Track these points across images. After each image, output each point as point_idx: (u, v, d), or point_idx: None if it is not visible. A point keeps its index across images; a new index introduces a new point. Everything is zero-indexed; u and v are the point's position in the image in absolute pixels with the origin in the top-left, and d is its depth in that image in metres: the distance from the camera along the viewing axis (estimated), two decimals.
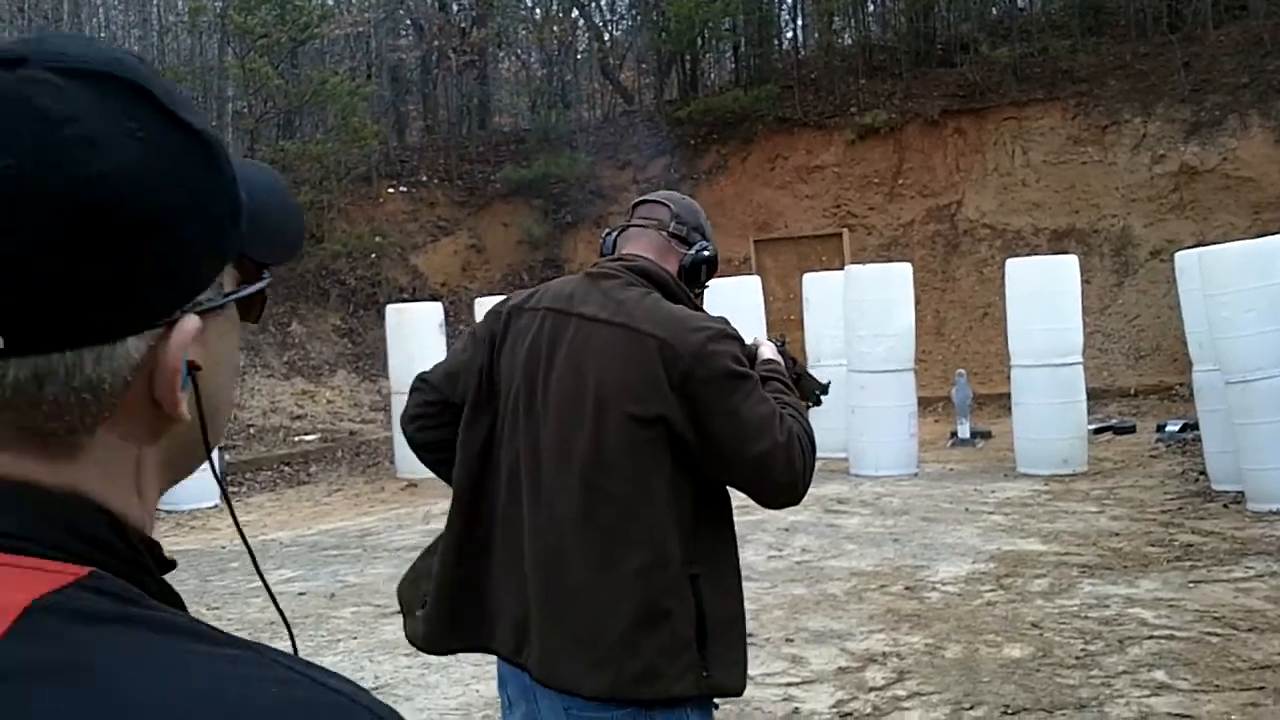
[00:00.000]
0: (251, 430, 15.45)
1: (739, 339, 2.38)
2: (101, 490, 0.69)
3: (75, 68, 0.67)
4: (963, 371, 13.76)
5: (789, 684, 5.54)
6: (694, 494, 2.32)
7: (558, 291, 2.48)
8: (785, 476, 2.34)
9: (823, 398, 2.87)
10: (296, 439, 15.47)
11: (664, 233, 2.51)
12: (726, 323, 2.37)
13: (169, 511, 12.08)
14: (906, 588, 7.22)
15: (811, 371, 2.90)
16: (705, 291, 2.61)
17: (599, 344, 2.32)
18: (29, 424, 0.66)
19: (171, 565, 0.74)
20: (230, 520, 11.66)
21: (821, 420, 12.95)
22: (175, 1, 22.52)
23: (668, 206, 2.55)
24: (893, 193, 19.26)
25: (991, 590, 7.05)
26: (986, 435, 13.39)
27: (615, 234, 2.60)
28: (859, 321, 11.75)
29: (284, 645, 0.72)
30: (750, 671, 2.49)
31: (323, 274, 18.57)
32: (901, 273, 12.11)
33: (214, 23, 18.67)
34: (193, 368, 0.71)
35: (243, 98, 19.83)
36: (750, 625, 6.58)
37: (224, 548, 10.02)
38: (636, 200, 2.63)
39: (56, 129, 0.64)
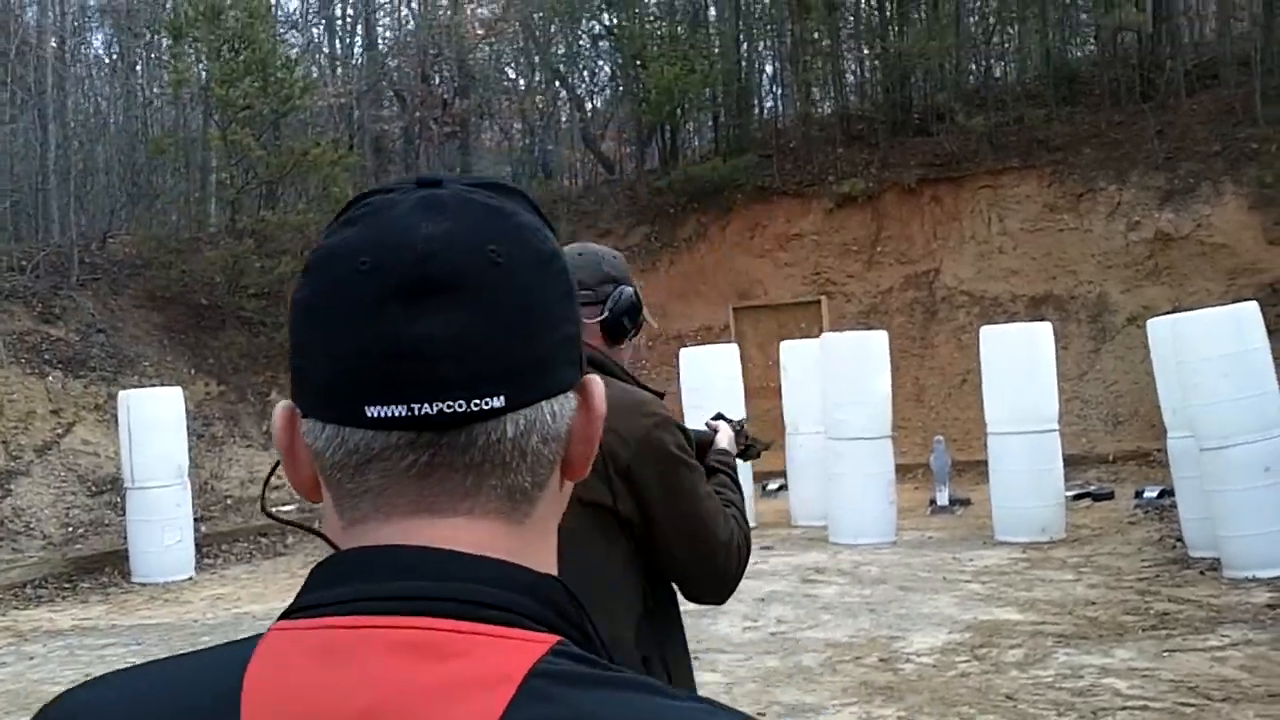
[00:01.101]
0: (229, 501, 15.35)
1: (683, 428, 2.37)
2: (543, 554, 0.76)
3: (482, 182, 0.78)
4: (940, 438, 13.76)
5: None
6: (644, 576, 2.30)
7: None
8: (719, 575, 2.34)
9: (763, 452, 2.93)
10: (274, 510, 15.35)
11: None
12: (666, 409, 2.37)
13: (143, 584, 11.98)
14: (881, 659, 7.17)
15: (758, 436, 2.93)
16: (639, 332, 2.51)
17: None
18: (511, 481, 0.73)
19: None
20: (203, 593, 11.55)
21: (800, 489, 12.86)
22: (160, 74, 22.71)
23: None
24: (871, 260, 19.37)
25: (966, 661, 7.01)
26: (965, 502, 13.37)
27: None
28: (836, 389, 11.77)
29: None
30: None
31: None
32: (878, 340, 12.15)
33: (197, 95, 18.80)
34: None
35: (225, 168, 19.94)
36: (722, 700, 6.54)
37: (196, 621, 9.91)
38: None
39: (510, 218, 0.75)
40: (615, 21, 23.20)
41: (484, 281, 0.72)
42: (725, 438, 2.66)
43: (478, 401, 0.71)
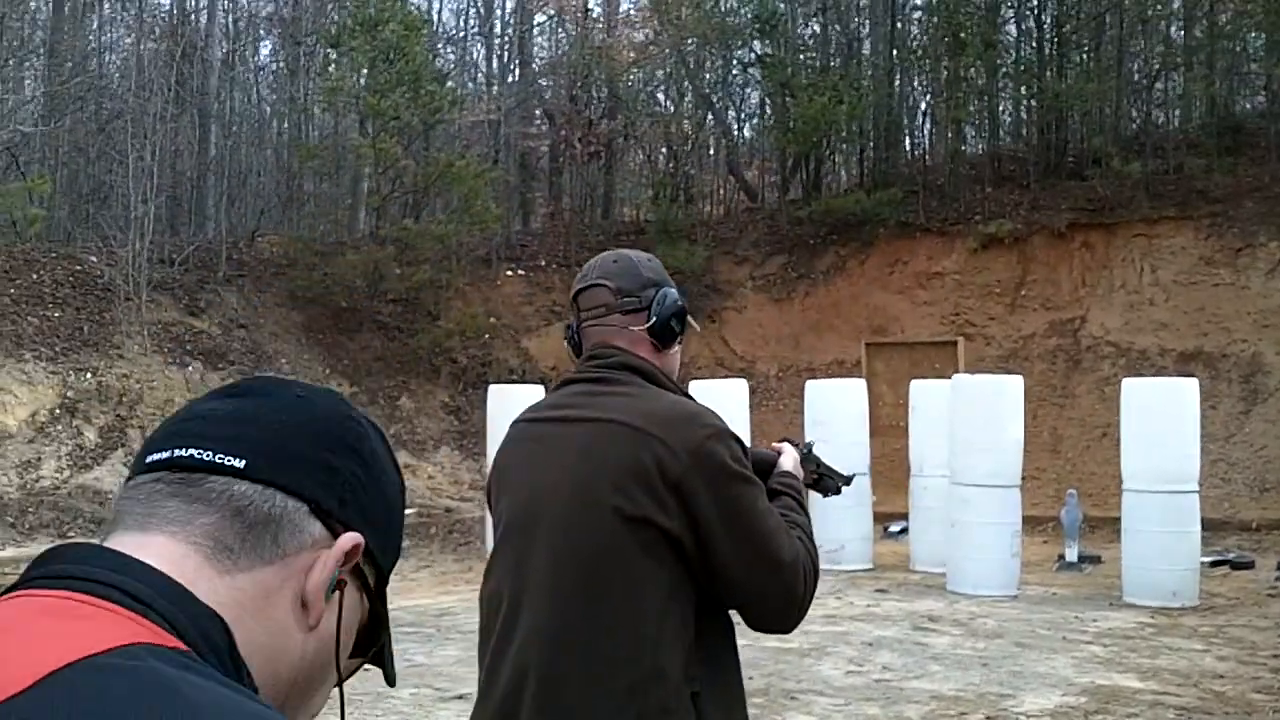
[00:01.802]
0: None
1: (740, 441, 2.20)
2: (231, 615, 0.80)
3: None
4: (1074, 492, 13.25)
5: None
6: (695, 603, 2.13)
7: (550, 400, 2.35)
8: (783, 600, 2.15)
9: (844, 489, 2.72)
10: None
11: (615, 315, 2.29)
12: (721, 420, 2.21)
13: None
14: (987, 717, 6.84)
15: (836, 468, 2.73)
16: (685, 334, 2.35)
17: (588, 443, 2.16)
18: (219, 530, 0.83)
19: None
20: None
21: (921, 533, 12.50)
22: (321, 82, 23.32)
23: (605, 286, 2.30)
24: (1014, 304, 18.87)
25: None
26: (1096, 560, 12.83)
27: (575, 334, 2.37)
28: (965, 433, 11.39)
29: None
30: None
31: (436, 351, 18.79)
32: (1012, 385, 11.73)
33: (349, 103, 19.22)
34: (340, 584, 0.87)
35: (374, 176, 20.34)
36: None
37: None
38: (574, 290, 2.37)
39: (330, 394, 0.95)
40: (766, 50, 23.09)
41: (278, 397, 0.90)
42: (790, 460, 2.47)
43: (221, 455, 0.85)
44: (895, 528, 14.43)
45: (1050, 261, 18.88)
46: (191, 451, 0.84)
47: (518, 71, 25.86)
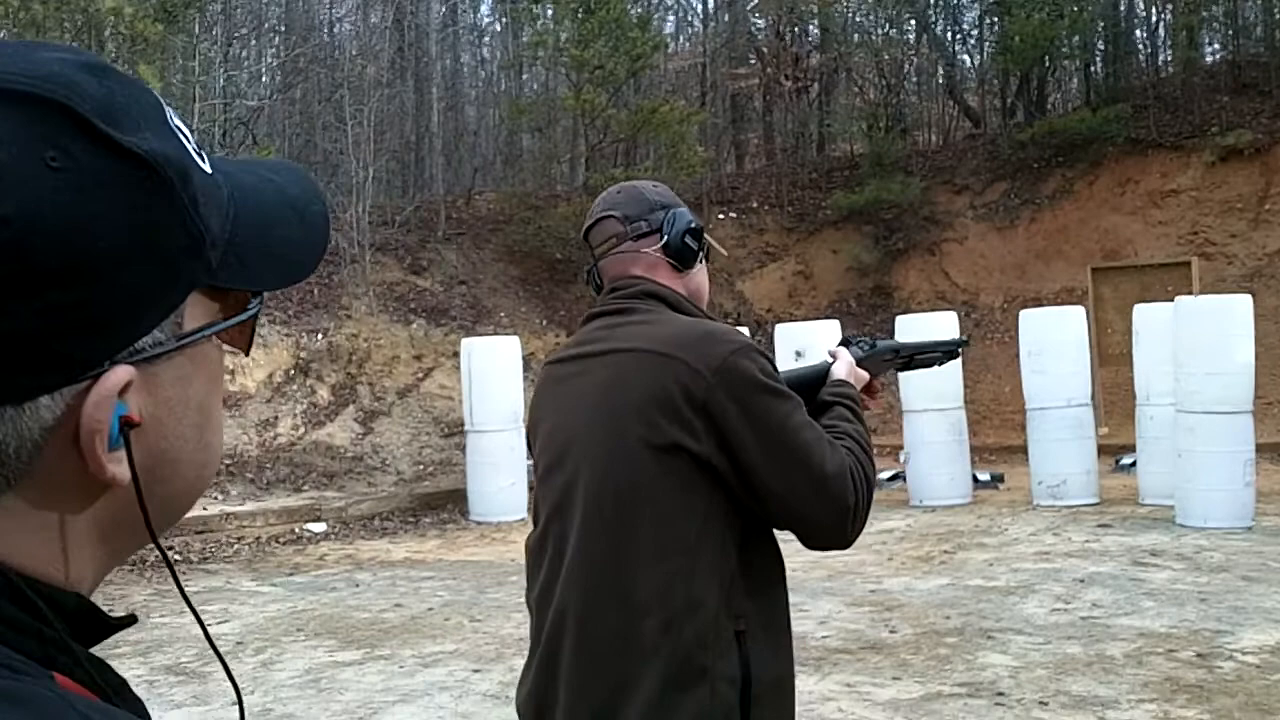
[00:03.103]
0: None
1: (768, 356, 2.11)
2: (7, 550, 0.61)
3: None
4: None
5: None
6: (738, 534, 2.04)
7: (574, 339, 2.29)
8: (832, 515, 2.04)
9: (959, 351, 2.62)
10: None
11: (627, 242, 2.22)
12: (745, 336, 2.13)
13: (478, 523, 12.55)
14: (1198, 654, 6.46)
15: (944, 337, 2.59)
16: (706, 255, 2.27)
17: (611, 376, 2.11)
18: None
19: (112, 630, 0.67)
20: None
21: (1149, 464, 11.84)
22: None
23: (611, 216, 2.24)
24: (1258, 219, 17.65)
25: None
26: None
27: (593, 273, 2.31)
28: (1189, 358, 10.74)
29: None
30: None
31: None
32: (1240, 305, 10.97)
33: (553, 56, 19.41)
34: (126, 424, 0.63)
35: (584, 127, 20.51)
36: (1006, 684, 6.09)
37: (513, 561, 10.27)
38: (584, 230, 2.32)
39: None
40: None
41: None
42: (843, 366, 2.36)
43: None
44: (1126, 460, 13.79)
45: None
46: None
47: (726, 11, 25.60)
